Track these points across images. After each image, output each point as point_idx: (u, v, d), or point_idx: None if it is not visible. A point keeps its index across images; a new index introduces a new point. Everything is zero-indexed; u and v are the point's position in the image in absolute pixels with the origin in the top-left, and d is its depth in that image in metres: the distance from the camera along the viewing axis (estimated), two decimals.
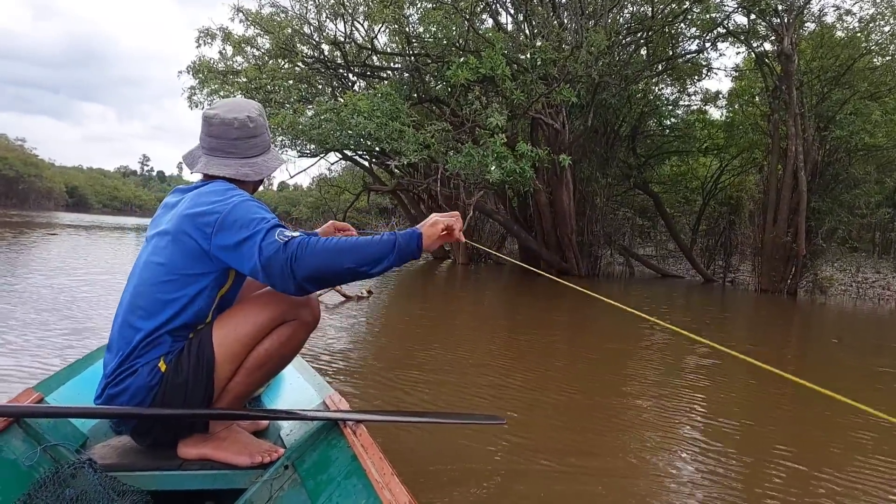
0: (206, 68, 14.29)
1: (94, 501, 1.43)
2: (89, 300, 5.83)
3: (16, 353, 3.68)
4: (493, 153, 9.43)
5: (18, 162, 54.04)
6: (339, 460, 1.66)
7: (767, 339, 7.32)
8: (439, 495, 2.15)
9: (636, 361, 4.99)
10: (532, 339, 5.74)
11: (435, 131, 9.66)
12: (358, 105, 9.12)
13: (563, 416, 3.28)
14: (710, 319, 8.91)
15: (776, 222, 14.77)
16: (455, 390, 3.60)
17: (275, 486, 1.66)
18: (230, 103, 1.79)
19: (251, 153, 1.77)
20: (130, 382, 1.58)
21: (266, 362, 1.70)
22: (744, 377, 4.71)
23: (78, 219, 34.99)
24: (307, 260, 1.50)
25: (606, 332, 6.57)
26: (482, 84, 10.27)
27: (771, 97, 15.30)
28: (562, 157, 10.06)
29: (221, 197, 1.61)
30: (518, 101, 10.55)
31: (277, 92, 12.27)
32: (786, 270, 14.85)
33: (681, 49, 15.25)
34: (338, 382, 3.57)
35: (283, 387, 2.35)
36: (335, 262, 1.52)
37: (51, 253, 11.15)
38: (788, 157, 14.46)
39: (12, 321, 4.55)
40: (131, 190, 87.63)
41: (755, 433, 3.21)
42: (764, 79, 15.65)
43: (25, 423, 1.64)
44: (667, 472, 2.58)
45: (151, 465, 1.65)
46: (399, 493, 1.41)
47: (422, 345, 5.02)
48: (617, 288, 13.38)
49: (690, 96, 18.09)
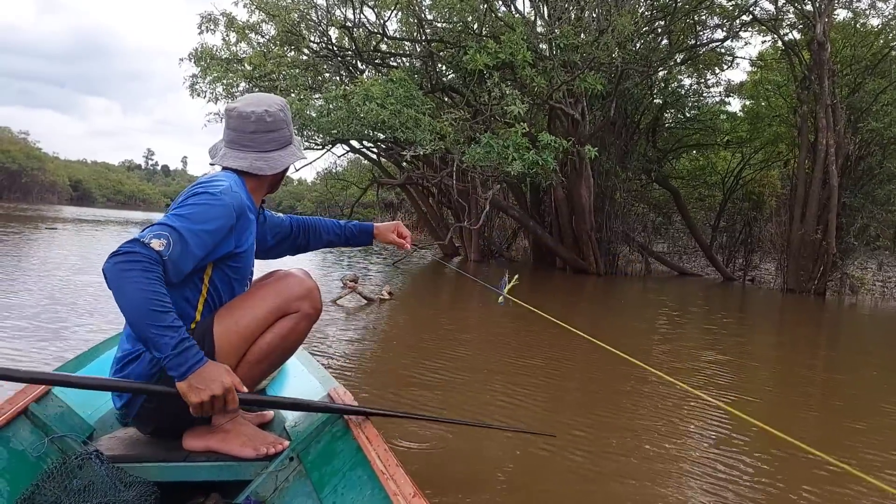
0: (208, 56, 13.64)
1: (101, 492, 1.43)
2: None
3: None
4: (514, 144, 8.78)
5: (21, 155, 53.50)
6: (344, 452, 1.66)
7: (849, 358, 6.67)
8: (446, 490, 2.12)
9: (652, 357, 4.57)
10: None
11: (452, 120, 9.00)
12: (370, 91, 8.48)
13: (585, 419, 3.12)
14: (755, 325, 8.28)
15: (804, 219, 14.08)
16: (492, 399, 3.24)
17: (280, 478, 1.66)
18: (252, 97, 1.79)
19: (268, 147, 1.77)
20: (132, 369, 1.61)
21: (268, 355, 1.71)
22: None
23: (80, 212, 34.43)
24: (112, 278, 1.42)
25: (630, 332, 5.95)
26: (501, 71, 9.61)
27: (800, 88, 14.58)
28: (587, 149, 9.38)
29: (198, 185, 1.62)
30: (539, 88, 9.88)
31: (283, 80, 11.62)
32: (814, 269, 14.17)
33: (704, 37, 14.50)
34: (367, 391, 3.17)
35: (288, 379, 2.32)
36: (116, 295, 1.42)
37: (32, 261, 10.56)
38: (818, 150, 13.75)
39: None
40: (135, 184, 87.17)
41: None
42: (792, 69, 14.94)
43: (33, 415, 1.66)
44: (691, 472, 2.46)
45: (158, 456, 1.65)
46: (404, 484, 1.39)
47: (445, 350, 4.48)
48: (637, 288, 12.75)
49: (710, 87, 17.40)
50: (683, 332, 6.87)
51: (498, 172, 9.28)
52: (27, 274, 6.91)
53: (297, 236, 2.15)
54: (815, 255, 14.01)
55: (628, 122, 15.33)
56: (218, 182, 1.63)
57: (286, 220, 2.13)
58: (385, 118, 8.36)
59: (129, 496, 1.46)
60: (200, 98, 13.73)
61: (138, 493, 1.48)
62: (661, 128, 16.80)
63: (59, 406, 1.79)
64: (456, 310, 7.49)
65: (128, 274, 1.40)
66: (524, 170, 8.74)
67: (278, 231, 2.09)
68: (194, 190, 1.60)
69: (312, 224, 2.19)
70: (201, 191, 1.59)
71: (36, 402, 1.70)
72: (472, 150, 8.82)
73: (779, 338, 7.49)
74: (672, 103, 15.58)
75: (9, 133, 57.10)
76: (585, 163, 12.31)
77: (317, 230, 2.18)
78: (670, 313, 8.34)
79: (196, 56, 13.71)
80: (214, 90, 13.47)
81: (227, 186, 1.63)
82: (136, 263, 1.41)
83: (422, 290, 9.19)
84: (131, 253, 1.42)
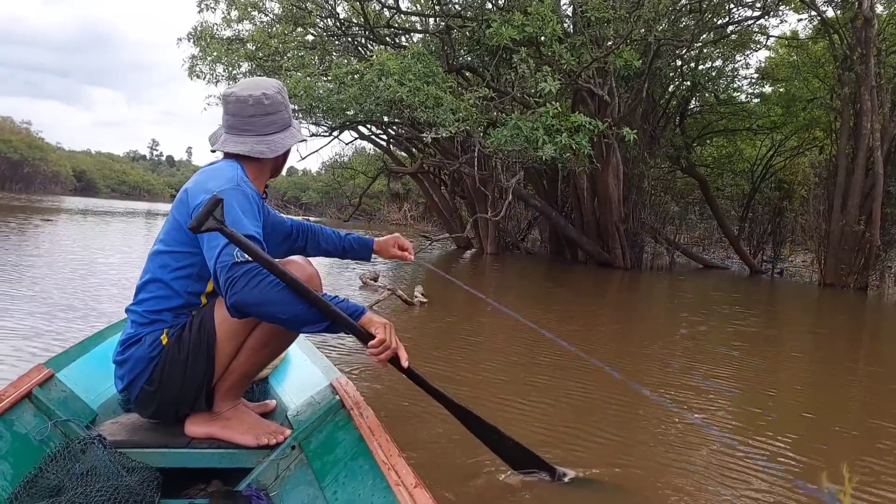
0: (208, 35, 12.77)
1: (103, 477, 1.44)
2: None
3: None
4: (544, 126, 7.90)
5: (23, 145, 52.67)
6: (345, 441, 1.65)
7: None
8: (448, 481, 2.08)
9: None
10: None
11: (475, 99, 8.10)
12: (386, 65, 7.58)
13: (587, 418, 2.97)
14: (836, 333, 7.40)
15: (845, 208, 13.16)
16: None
17: (282, 466, 1.67)
18: (248, 82, 1.80)
19: (267, 130, 1.76)
20: (133, 352, 1.65)
21: (268, 342, 1.70)
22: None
23: (83, 203, 33.65)
24: (243, 293, 1.47)
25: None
26: (528, 46, 8.69)
27: (840, 68, 13.60)
28: (625, 131, 8.46)
29: (217, 181, 1.64)
30: (568, 66, 8.97)
31: (288, 60, 10.74)
32: (855, 262, 13.27)
33: (738, 14, 13.49)
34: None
35: (290, 369, 2.31)
36: (268, 308, 1.50)
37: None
38: (861, 135, 12.79)
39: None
40: (140, 174, 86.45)
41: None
42: (832, 47, 13.94)
43: (37, 399, 1.67)
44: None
45: (160, 442, 1.66)
46: (406, 474, 1.40)
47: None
48: (665, 283, 11.90)
49: (739, 69, 16.40)
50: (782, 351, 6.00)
51: (525, 158, 8.41)
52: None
53: (295, 238, 2.11)
54: (856, 247, 13.12)
55: (655, 106, 14.37)
56: (237, 172, 1.68)
57: (287, 220, 2.11)
58: (403, 96, 7.47)
59: (132, 481, 1.46)
60: (200, 80, 12.89)
61: (140, 478, 1.49)
62: (691, 112, 15.81)
63: (63, 391, 1.79)
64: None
65: (255, 286, 1.47)
66: (555, 154, 7.85)
67: (278, 227, 2.06)
68: (223, 189, 1.59)
69: (312, 230, 2.16)
70: (231, 187, 1.62)
71: (39, 386, 1.71)
72: (497, 133, 7.93)
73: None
74: (704, 84, 14.56)
75: (10, 123, 56.33)
76: (614, 148, 11.41)
77: (315, 236, 2.16)
78: (740, 321, 7.48)
79: (195, 35, 12.85)
80: (214, 71, 12.61)
81: (241, 177, 1.68)
82: (254, 273, 1.48)
83: (449, 288, 8.36)
84: (248, 264, 1.48)
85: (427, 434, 2.51)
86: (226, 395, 1.73)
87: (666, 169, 15.83)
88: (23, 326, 3.87)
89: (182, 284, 1.66)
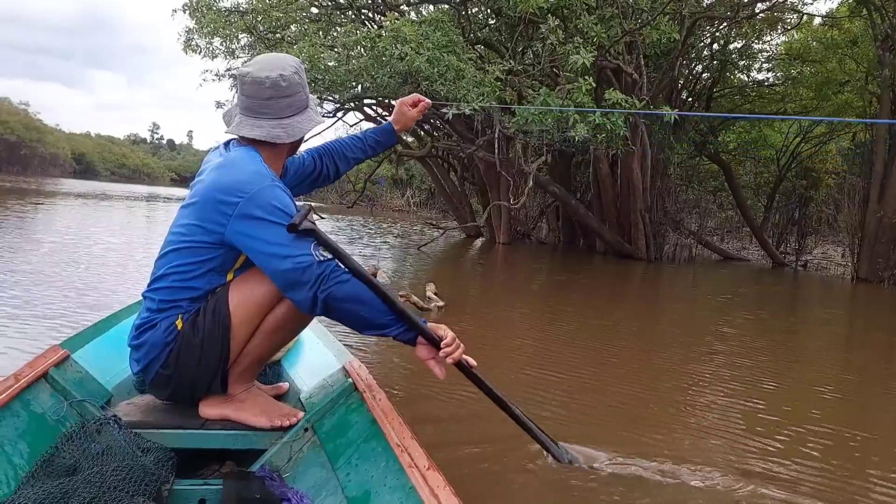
0: (204, 6, 11.89)
1: (119, 457, 1.45)
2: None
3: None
4: (575, 103, 7.09)
5: (20, 126, 51.69)
6: (358, 424, 1.66)
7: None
8: (461, 463, 2.10)
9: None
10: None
11: (500, 72, 7.27)
12: (402, 31, 6.74)
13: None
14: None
15: (883, 199, 12.37)
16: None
17: (294, 448, 1.68)
18: (264, 60, 1.72)
19: (285, 114, 1.71)
20: (149, 337, 1.65)
21: (282, 326, 1.71)
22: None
23: (79, 186, 32.79)
24: (336, 288, 1.52)
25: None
26: (556, 15, 7.85)
27: (881, 49, 12.72)
28: (665, 109, 7.64)
29: (247, 176, 1.60)
30: (599, 39, 8.13)
31: (292, 30, 9.89)
32: (893, 256, 12.49)
33: None
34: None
35: (303, 352, 2.32)
36: (353, 305, 1.55)
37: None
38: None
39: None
40: (140, 157, 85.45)
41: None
42: (872, 26, 13.04)
43: (53, 379, 1.68)
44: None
45: (174, 423, 1.68)
46: (418, 456, 1.40)
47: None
48: (698, 277, 11.15)
49: (766, 50, 15.51)
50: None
51: (553, 139, 7.61)
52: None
53: (321, 168, 2.10)
54: (894, 239, 12.35)
55: (681, 87, 13.51)
56: (262, 167, 1.65)
57: (306, 157, 2.08)
58: (421, 66, 6.64)
59: (147, 461, 1.48)
60: (195, 54, 12.02)
61: (155, 458, 1.51)
62: (716, 95, 14.93)
63: (78, 371, 1.80)
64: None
65: (344, 285, 1.53)
66: (588, 135, 7.05)
67: (300, 171, 2.05)
68: (258, 188, 1.58)
69: (334, 150, 2.14)
70: (267, 184, 1.60)
71: (56, 366, 1.71)
72: (522, 111, 7.12)
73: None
74: (735, 63, 13.66)
75: (8, 103, 55.28)
76: (641, 131, 10.58)
77: (340, 152, 2.15)
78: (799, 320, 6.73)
79: (191, 6, 11.98)
80: (211, 45, 11.76)
81: (268, 172, 1.66)
82: (338, 271, 1.54)
83: (468, 284, 7.60)
84: (329, 273, 1.53)
85: (438, 415, 2.54)
86: (240, 377, 1.74)
87: (688, 155, 15.00)
88: (33, 308, 3.90)
89: (202, 278, 1.65)
